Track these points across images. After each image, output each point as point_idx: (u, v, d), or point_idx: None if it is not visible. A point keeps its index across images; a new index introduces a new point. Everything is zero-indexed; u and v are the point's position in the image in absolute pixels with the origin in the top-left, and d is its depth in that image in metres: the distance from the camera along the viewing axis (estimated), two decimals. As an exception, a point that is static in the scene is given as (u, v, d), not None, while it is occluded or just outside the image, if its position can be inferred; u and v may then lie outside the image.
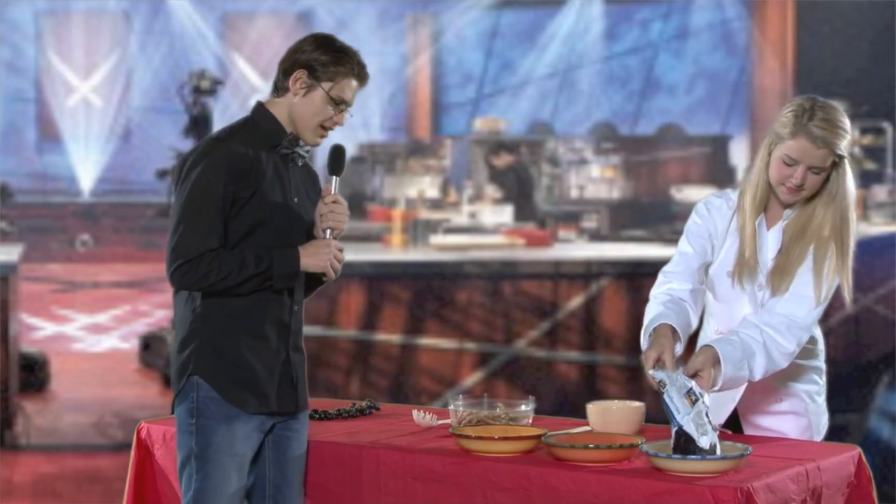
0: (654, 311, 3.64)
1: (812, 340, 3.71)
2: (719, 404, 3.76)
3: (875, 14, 13.45)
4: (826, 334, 3.79)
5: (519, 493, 3.33)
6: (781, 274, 3.59)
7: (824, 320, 3.74)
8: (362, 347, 9.13)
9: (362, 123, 16.41)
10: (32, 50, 16.98)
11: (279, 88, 3.57)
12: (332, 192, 3.56)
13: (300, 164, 3.60)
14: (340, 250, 3.54)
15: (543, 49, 16.34)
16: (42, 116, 17.10)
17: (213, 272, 3.40)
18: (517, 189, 12.01)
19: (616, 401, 3.87)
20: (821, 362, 3.76)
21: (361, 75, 3.54)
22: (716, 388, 3.49)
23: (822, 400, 3.77)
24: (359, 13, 16.54)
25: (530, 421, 3.72)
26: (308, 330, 3.66)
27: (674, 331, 3.54)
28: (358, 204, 12.37)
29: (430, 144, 14.47)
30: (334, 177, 3.59)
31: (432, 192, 11.80)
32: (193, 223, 3.42)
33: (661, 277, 3.76)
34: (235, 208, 3.44)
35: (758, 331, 3.53)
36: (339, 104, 3.52)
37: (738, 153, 13.96)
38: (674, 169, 14.03)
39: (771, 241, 3.64)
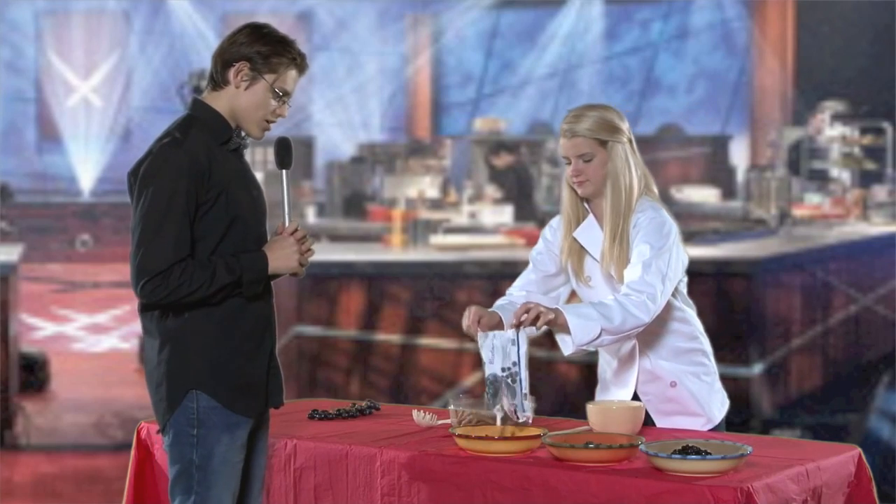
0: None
1: (683, 320, 3.87)
2: (620, 384, 3.93)
3: (875, 14, 13.44)
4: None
5: (519, 493, 3.33)
6: (617, 262, 3.81)
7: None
8: (362, 347, 9.11)
9: (362, 123, 16.41)
10: (32, 50, 16.97)
11: (217, 82, 3.46)
12: (284, 188, 3.49)
13: (245, 155, 3.53)
14: (307, 240, 3.46)
15: (543, 49, 16.34)
16: (42, 116, 17.10)
17: (183, 285, 3.28)
18: (517, 189, 12.00)
19: (616, 401, 3.87)
20: (701, 344, 3.92)
21: (302, 65, 3.47)
22: (576, 345, 3.66)
23: (711, 379, 3.93)
24: (359, 13, 16.54)
25: (530, 421, 3.73)
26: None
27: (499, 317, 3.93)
28: (358, 204, 12.38)
29: (430, 144, 14.47)
30: (283, 171, 3.51)
31: (432, 192, 11.79)
32: (159, 234, 3.28)
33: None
34: (201, 211, 3.33)
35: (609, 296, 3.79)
36: (283, 96, 3.44)
37: (738, 153, 13.96)
38: (674, 169, 14.02)
39: (601, 239, 3.89)
